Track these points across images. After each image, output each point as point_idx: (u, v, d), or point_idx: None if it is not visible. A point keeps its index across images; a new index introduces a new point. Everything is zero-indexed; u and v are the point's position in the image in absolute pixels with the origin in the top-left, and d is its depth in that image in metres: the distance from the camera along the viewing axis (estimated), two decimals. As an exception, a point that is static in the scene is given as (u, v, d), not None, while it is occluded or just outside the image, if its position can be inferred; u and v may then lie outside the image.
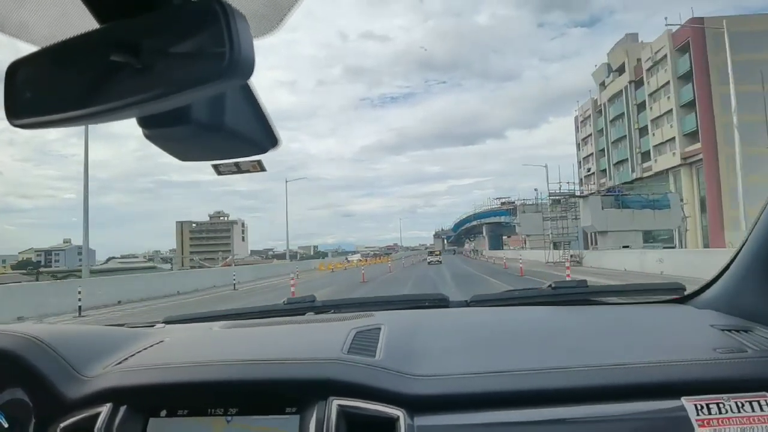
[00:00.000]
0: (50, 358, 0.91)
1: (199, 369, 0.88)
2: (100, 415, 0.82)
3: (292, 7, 0.55)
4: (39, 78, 0.49)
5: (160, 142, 0.54)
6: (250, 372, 0.85)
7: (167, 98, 0.43)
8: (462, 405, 0.79)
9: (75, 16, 0.50)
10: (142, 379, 0.88)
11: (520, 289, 1.51)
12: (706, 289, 1.22)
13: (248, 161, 0.65)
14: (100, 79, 0.46)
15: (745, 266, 1.09)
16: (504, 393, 0.80)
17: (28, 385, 0.89)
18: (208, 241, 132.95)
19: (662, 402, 0.76)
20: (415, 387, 0.81)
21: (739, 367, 0.82)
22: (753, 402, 0.75)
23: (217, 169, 0.71)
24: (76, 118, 0.47)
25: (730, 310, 1.09)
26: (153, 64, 0.43)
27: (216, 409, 0.81)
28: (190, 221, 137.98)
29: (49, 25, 0.54)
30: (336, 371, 0.83)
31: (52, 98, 0.48)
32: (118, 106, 0.44)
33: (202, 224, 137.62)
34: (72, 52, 0.47)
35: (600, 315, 1.26)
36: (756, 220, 1.08)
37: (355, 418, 0.77)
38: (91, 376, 0.91)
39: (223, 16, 0.41)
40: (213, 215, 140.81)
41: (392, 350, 0.93)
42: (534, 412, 0.77)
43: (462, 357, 0.93)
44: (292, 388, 0.82)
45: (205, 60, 0.42)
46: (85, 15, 0.49)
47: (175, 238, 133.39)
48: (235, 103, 0.53)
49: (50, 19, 0.54)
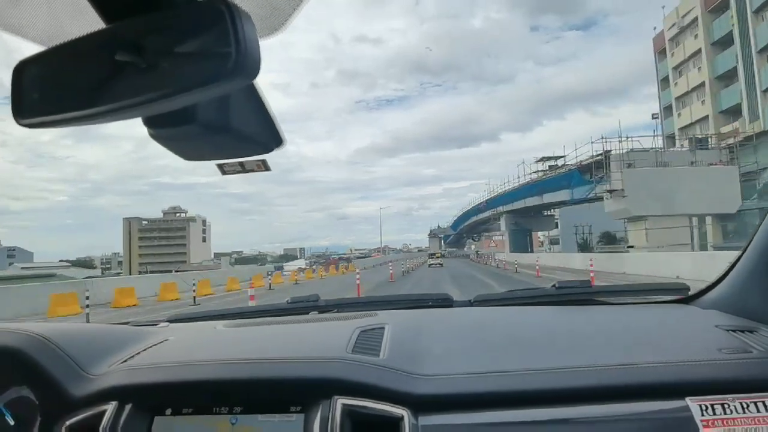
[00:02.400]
0: (56, 357, 0.91)
1: (204, 368, 0.89)
2: (105, 413, 0.83)
3: (297, 8, 0.55)
4: (46, 77, 0.49)
5: (166, 141, 0.54)
6: (254, 371, 0.85)
7: (173, 98, 0.43)
8: (466, 405, 0.79)
9: (82, 16, 0.50)
10: (147, 377, 0.88)
11: (523, 289, 1.50)
12: (710, 290, 1.21)
13: (253, 161, 0.66)
14: (107, 79, 0.45)
15: (750, 267, 1.08)
16: (508, 393, 0.80)
17: (34, 383, 0.89)
18: (160, 241, 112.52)
19: (667, 402, 0.76)
20: (420, 387, 0.81)
21: (745, 367, 0.82)
22: (758, 402, 0.75)
23: (222, 169, 0.71)
24: (83, 118, 0.47)
25: (735, 311, 1.08)
26: (159, 64, 0.44)
27: (221, 408, 0.81)
28: (140, 218, 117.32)
29: (55, 25, 0.54)
30: (340, 370, 0.83)
31: (58, 98, 0.48)
32: (124, 105, 0.44)
33: (154, 222, 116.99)
34: (78, 51, 0.47)
35: (604, 315, 1.25)
36: (761, 220, 1.07)
37: (360, 418, 0.77)
38: (97, 375, 0.91)
39: (229, 16, 0.41)
40: (168, 211, 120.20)
41: (396, 350, 0.93)
42: (538, 412, 0.77)
43: (466, 357, 0.93)
44: (297, 387, 0.82)
45: (211, 60, 0.42)
46: (92, 15, 0.49)
47: (122, 239, 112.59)
48: (240, 102, 0.53)
49: (57, 19, 0.54)
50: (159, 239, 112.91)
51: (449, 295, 1.44)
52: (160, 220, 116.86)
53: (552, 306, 1.31)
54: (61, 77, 0.49)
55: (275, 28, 0.56)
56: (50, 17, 0.54)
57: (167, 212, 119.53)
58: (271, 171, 0.68)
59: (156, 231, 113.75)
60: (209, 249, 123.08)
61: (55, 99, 0.48)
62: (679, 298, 1.30)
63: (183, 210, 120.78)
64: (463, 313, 1.31)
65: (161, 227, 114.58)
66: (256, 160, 0.65)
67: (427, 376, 0.84)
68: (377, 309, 1.34)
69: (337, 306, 1.43)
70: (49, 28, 0.54)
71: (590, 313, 1.26)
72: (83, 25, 0.49)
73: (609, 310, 1.30)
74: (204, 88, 0.43)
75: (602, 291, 1.44)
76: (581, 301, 1.35)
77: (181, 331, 1.25)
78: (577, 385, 0.80)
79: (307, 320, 1.32)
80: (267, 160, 0.65)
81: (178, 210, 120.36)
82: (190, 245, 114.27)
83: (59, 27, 0.53)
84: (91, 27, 0.47)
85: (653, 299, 1.39)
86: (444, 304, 1.41)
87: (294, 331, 1.19)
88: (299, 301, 1.47)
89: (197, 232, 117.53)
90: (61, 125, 0.48)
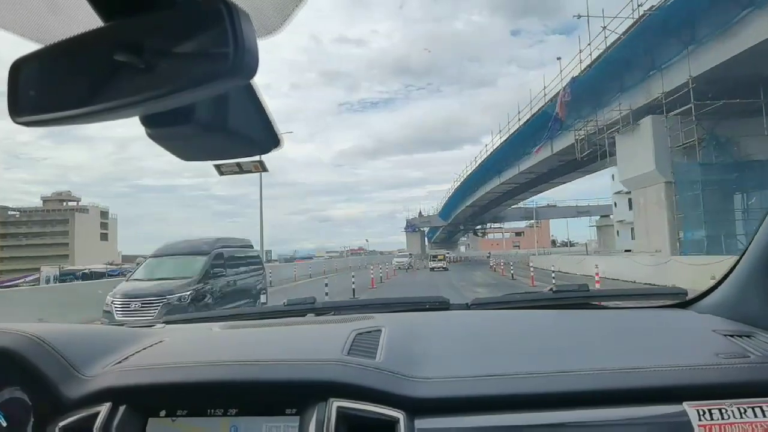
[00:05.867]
0: (50, 357, 0.91)
1: (199, 369, 0.88)
2: (99, 414, 0.82)
3: (297, 7, 0.54)
4: (42, 76, 0.49)
5: (164, 141, 0.54)
6: (249, 373, 0.85)
7: (170, 97, 0.43)
8: (462, 408, 0.79)
9: (79, 15, 0.50)
10: (141, 378, 0.88)
11: (521, 293, 1.48)
12: (707, 294, 1.21)
13: (250, 161, 0.65)
14: (104, 78, 0.45)
15: (747, 272, 1.08)
16: (504, 396, 0.80)
17: (28, 383, 0.88)
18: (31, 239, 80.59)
19: (664, 407, 0.76)
20: (416, 389, 0.81)
21: (742, 372, 0.82)
22: (755, 407, 0.75)
23: (219, 169, 0.69)
24: (79, 117, 0.46)
25: (733, 316, 1.08)
26: (157, 63, 0.43)
27: (215, 410, 0.81)
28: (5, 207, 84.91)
29: (52, 23, 0.53)
30: (336, 373, 0.83)
31: (55, 96, 0.48)
32: (122, 104, 0.44)
33: (27, 212, 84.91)
34: (76, 50, 0.47)
35: (601, 319, 1.25)
36: (759, 225, 1.07)
37: (355, 420, 0.77)
38: (91, 376, 0.90)
39: (228, 16, 0.41)
40: (49, 198, 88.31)
41: (393, 352, 0.92)
42: (534, 416, 0.77)
43: (462, 360, 0.93)
44: (292, 389, 0.82)
45: (209, 59, 0.42)
46: (90, 13, 0.48)
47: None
48: (237, 102, 0.53)
49: (55, 17, 0.53)
50: (30, 236, 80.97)
51: (446, 298, 1.43)
52: (37, 210, 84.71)
53: (549, 310, 1.32)
54: (58, 75, 0.48)
55: (275, 28, 0.55)
56: (48, 15, 0.53)
57: (50, 199, 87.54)
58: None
59: (26, 225, 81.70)
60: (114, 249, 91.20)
61: (52, 97, 0.48)
62: (676, 303, 1.30)
63: (74, 198, 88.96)
64: (460, 317, 1.30)
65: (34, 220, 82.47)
66: (253, 161, 0.64)
67: (423, 379, 0.83)
68: (374, 312, 1.33)
69: (334, 308, 1.43)
70: (47, 25, 0.53)
71: (588, 317, 1.25)
72: (81, 23, 0.48)
73: (606, 314, 1.30)
74: (201, 87, 0.42)
75: (600, 295, 1.50)
76: (578, 305, 1.34)
77: (177, 332, 1.25)
78: (574, 389, 0.80)
79: (303, 322, 1.31)
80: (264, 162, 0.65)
81: (66, 197, 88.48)
82: (75, 244, 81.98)
83: (57, 25, 0.52)
84: (89, 25, 0.47)
85: (651, 304, 1.39)
86: (441, 307, 1.39)
87: (290, 333, 1.19)
88: (296, 303, 1.47)
89: (92, 227, 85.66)
90: (58, 124, 0.48)
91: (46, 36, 0.51)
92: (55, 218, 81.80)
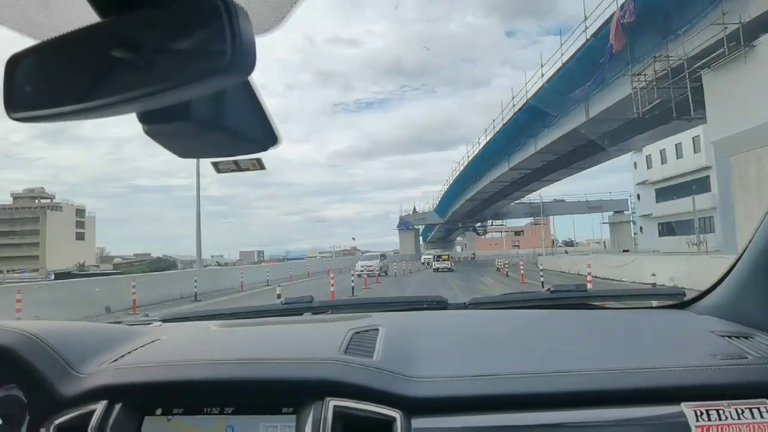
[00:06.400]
0: (46, 355, 0.91)
1: (195, 367, 0.88)
2: (95, 412, 0.82)
3: (295, 4, 0.54)
4: (39, 72, 0.49)
5: (161, 138, 0.53)
6: (246, 371, 0.85)
7: (168, 94, 0.43)
8: (459, 407, 0.79)
9: (76, 10, 0.49)
10: (137, 376, 0.88)
11: (519, 293, 1.49)
12: (705, 295, 1.21)
13: (247, 159, 0.65)
14: (101, 74, 0.45)
15: (745, 273, 1.08)
16: (501, 396, 0.80)
17: (23, 381, 0.88)
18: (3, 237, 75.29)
19: (662, 407, 0.77)
20: (413, 389, 0.81)
21: (740, 373, 0.82)
22: (753, 409, 0.75)
23: (217, 167, 0.70)
24: (76, 113, 0.46)
25: (731, 317, 1.08)
26: (154, 60, 0.43)
27: (212, 408, 0.81)
28: (-30, 203, 79.51)
29: (50, 19, 0.53)
30: (333, 371, 0.83)
31: (52, 92, 0.48)
32: (119, 101, 0.44)
33: (-2, 209, 79.50)
34: (73, 46, 0.47)
35: (599, 319, 1.25)
36: (757, 227, 1.07)
37: (352, 419, 0.77)
38: (87, 374, 0.90)
39: (225, 12, 0.41)
40: (20, 194, 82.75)
41: (390, 351, 0.93)
42: (531, 416, 0.77)
43: (460, 359, 0.93)
44: (289, 388, 0.82)
45: (206, 56, 0.42)
46: (87, 9, 0.48)
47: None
48: (235, 100, 0.53)
49: (51, 13, 0.53)
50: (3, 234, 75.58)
51: (444, 297, 1.43)
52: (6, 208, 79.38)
53: (547, 309, 1.32)
54: (54, 71, 0.48)
55: (273, 25, 0.55)
56: (44, 10, 0.53)
57: (20, 196, 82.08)
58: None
59: (-7, 224, 76.44)
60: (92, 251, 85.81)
61: (49, 93, 0.48)
62: (674, 303, 1.30)
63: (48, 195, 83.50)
64: (458, 316, 1.31)
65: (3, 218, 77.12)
66: (250, 159, 0.64)
67: (420, 379, 0.83)
68: (371, 311, 1.33)
69: (332, 307, 1.44)
70: (44, 21, 0.52)
71: (585, 317, 1.25)
72: (78, 19, 0.48)
73: (604, 314, 1.30)
74: (199, 84, 0.42)
75: (598, 295, 1.48)
76: (576, 305, 1.35)
77: (174, 330, 1.24)
78: (572, 389, 0.80)
79: (300, 321, 1.32)
80: (262, 159, 0.65)
81: (39, 194, 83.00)
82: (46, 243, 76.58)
83: (53, 20, 0.51)
84: (86, 21, 0.47)
85: (649, 304, 1.39)
86: (439, 306, 1.40)
87: (287, 332, 1.19)
88: (293, 302, 1.48)
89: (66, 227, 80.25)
90: (54, 120, 0.47)
91: (43, 32, 0.50)
92: (24, 216, 76.49)
